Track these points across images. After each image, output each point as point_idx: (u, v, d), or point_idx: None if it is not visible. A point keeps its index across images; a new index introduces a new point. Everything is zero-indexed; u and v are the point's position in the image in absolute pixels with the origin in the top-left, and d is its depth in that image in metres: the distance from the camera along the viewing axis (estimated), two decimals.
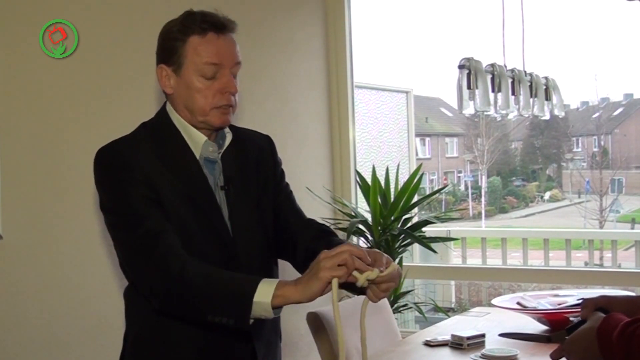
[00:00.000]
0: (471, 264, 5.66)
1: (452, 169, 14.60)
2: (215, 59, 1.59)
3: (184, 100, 1.63)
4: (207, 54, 1.59)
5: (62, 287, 2.67)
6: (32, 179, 2.63)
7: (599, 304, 1.42)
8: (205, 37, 1.60)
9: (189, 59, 1.60)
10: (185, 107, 1.64)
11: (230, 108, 1.64)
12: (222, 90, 1.61)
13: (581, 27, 15.13)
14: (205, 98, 1.61)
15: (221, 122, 1.64)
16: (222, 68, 1.61)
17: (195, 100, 1.61)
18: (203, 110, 1.62)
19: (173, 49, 1.62)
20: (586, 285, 3.63)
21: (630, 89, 13.28)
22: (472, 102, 2.86)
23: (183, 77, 1.61)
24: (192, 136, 1.66)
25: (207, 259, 1.56)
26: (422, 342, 2.51)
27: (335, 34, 4.02)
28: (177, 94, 1.64)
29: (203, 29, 1.60)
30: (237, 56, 1.64)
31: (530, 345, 2.22)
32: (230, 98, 1.63)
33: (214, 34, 1.60)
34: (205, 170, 1.65)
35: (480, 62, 2.87)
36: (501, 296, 2.97)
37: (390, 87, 9.75)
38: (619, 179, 12.51)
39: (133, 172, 1.57)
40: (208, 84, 1.60)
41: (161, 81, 1.66)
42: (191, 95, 1.62)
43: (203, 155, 1.66)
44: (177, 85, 1.63)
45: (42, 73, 2.64)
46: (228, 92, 1.62)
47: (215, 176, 1.67)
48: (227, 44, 1.62)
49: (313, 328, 2.54)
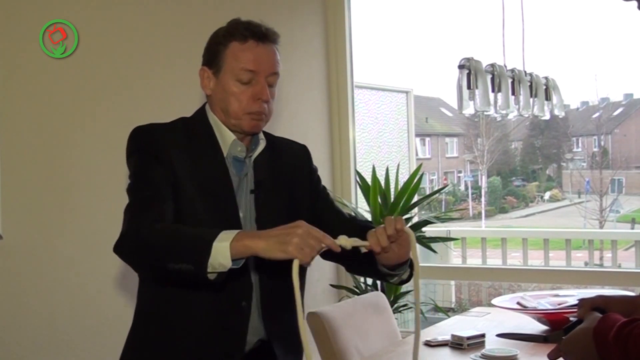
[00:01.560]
0: (471, 264, 5.66)
1: (452, 169, 14.60)
2: (251, 66, 1.66)
3: (220, 102, 1.70)
4: (245, 61, 1.66)
5: (63, 287, 2.67)
6: (32, 179, 2.63)
7: (595, 304, 1.43)
8: (246, 44, 1.67)
9: (227, 63, 1.67)
10: (221, 109, 1.71)
11: (262, 115, 1.70)
12: (255, 96, 1.67)
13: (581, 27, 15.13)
14: (239, 102, 1.67)
15: (251, 128, 1.70)
16: (258, 76, 1.66)
17: (229, 104, 1.68)
18: (236, 114, 1.68)
19: (215, 52, 1.69)
20: (586, 285, 3.63)
21: (630, 89, 13.29)
22: (472, 102, 2.86)
23: (221, 80, 1.68)
24: (223, 135, 1.72)
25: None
26: (422, 342, 2.51)
27: (335, 34, 4.02)
28: (215, 95, 1.71)
29: (244, 36, 1.67)
30: (275, 66, 1.70)
31: (530, 345, 2.22)
32: (263, 105, 1.68)
33: (254, 42, 1.67)
34: (232, 169, 1.70)
35: (480, 62, 2.87)
36: (501, 296, 2.97)
37: (390, 87, 9.76)
38: (619, 179, 12.52)
39: (161, 153, 1.63)
40: (243, 89, 1.67)
41: (202, 82, 1.73)
42: (226, 98, 1.68)
43: (231, 153, 1.71)
44: (215, 88, 1.70)
45: (42, 73, 2.64)
46: (260, 99, 1.67)
47: (242, 177, 1.72)
48: (266, 53, 1.69)
49: (313, 328, 2.54)
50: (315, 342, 2.54)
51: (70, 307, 2.68)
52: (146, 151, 1.66)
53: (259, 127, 1.72)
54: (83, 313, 2.72)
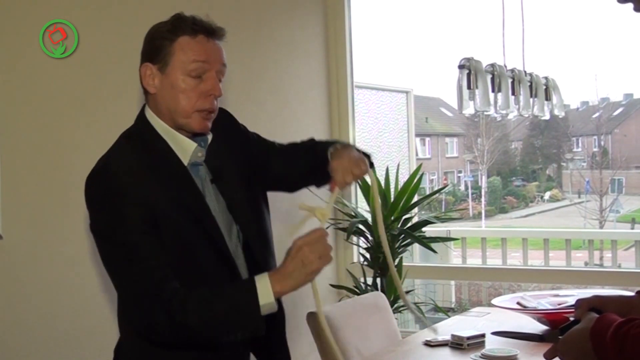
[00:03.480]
0: (471, 264, 5.66)
1: (452, 169, 14.60)
2: (203, 57, 1.58)
3: (166, 101, 1.60)
4: (195, 52, 1.58)
5: (62, 287, 2.67)
6: (32, 179, 2.62)
7: (592, 304, 1.43)
8: (196, 38, 1.60)
9: (176, 56, 1.58)
10: (167, 109, 1.61)
11: (211, 114, 1.63)
12: (206, 92, 1.59)
13: (581, 27, 15.13)
14: (188, 99, 1.58)
15: (201, 128, 1.62)
16: (209, 69, 1.59)
17: (178, 101, 1.59)
18: (185, 112, 1.59)
19: (161, 47, 1.60)
20: (586, 285, 3.63)
21: (630, 89, 13.30)
22: (472, 102, 2.86)
23: (168, 76, 1.59)
24: (179, 143, 1.63)
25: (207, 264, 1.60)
26: (422, 342, 2.51)
27: (335, 34, 4.02)
28: (160, 94, 1.61)
29: (195, 30, 1.60)
30: (223, 59, 1.64)
31: (530, 345, 2.22)
32: (213, 102, 1.61)
33: (205, 37, 1.61)
34: (192, 173, 1.64)
35: (480, 62, 2.87)
36: (501, 296, 2.97)
37: (390, 87, 9.76)
38: (619, 179, 12.52)
39: (126, 196, 1.53)
40: (193, 84, 1.58)
41: (144, 80, 1.63)
42: (175, 95, 1.59)
43: (192, 160, 1.64)
44: (161, 85, 1.60)
45: (42, 73, 2.64)
46: (212, 94, 1.60)
47: (201, 177, 1.66)
48: (216, 48, 1.62)
49: (313, 328, 2.54)
50: (315, 342, 2.54)
51: (70, 307, 2.68)
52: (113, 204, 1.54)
53: (207, 127, 1.63)
54: (83, 313, 2.72)
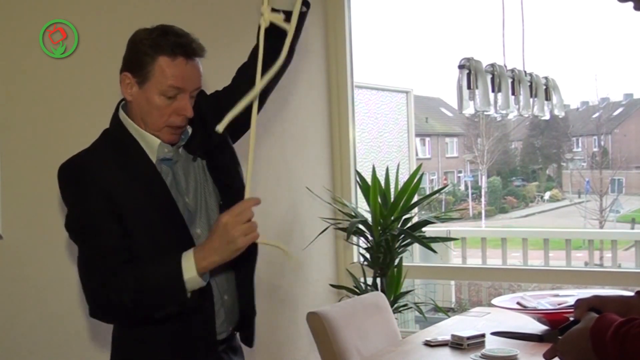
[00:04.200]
0: (471, 264, 5.66)
1: (452, 169, 14.59)
2: (179, 84, 1.68)
3: (140, 112, 1.74)
4: (173, 78, 1.67)
5: (62, 287, 2.67)
6: (32, 179, 2.63)
7: (591, 304, 1.43)
8: (175, 61, 1.68)
9: (155, 77, 1.68)
10: (140, 117, 1.74)
11: (181, 129, 1.76)
12: (178, 112, 1.71)
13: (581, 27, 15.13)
14: (161, 116, 1.71)
15: (170, 141, 1.76)
16: (184, 92, 1.70)
17: (151, 116, 1.72)
18: (156, 126, 1.73)
19: (142, 63, 1.69)
20: (586, 285, 3.63)
21: (630, 89, 13.26)
22: (472, 102, 2.86)
23: (145, 92, 1.71)
24: (147, 141, 1.75)
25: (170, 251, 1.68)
26: (422, 342, 2.51)
27: (335, 34, 4.02)
28: (136, 103, 1.74)
29: (175, 53, 1.68)
30: (199, 81, 1.75)
31: (530, 345, 2.22)
32: (184, 120, 1.74)
33: (184, 59, 1.69)
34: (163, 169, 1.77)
35: (480, 62, 2.87)
36: (501, 296, 2.97)
37: (390, 87, 9.75)
38: (619, 179, 12.50)
39: (92, 186, 1.68)
40: (167, 103, 1.70)
41: (123, 87, 1.75)
42: (149, 110, 1.72)
43: (159, 157, 1.76)
44: (138, 96, 1.73)
45: (42, 73, 2.64)
46: (183, 114, 1.71)
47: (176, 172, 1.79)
48: (193, 70, 1.71)
49: (313, 328, 2.54)
50: (315, 342, 2.55)
51: (69, 307, 2.68)
52: (78, 193, 1.70)
53: (177, 140, 1.78)
54: (83, 313, 2.72)
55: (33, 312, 2.61)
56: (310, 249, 3.73)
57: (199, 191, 1.81)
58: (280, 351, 3.63)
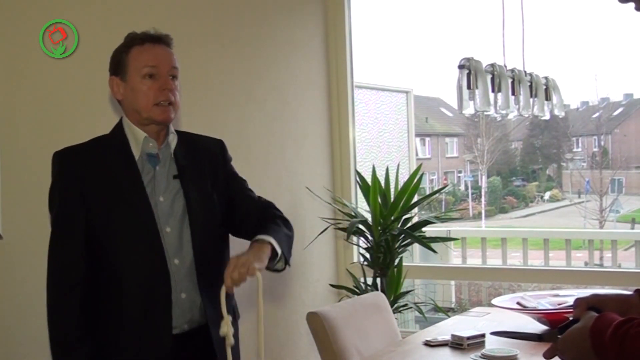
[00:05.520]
0: (471, 264, 5.66)
1: (452, 169, 14.59)
2: (152, 62, 1.88)
3: (131, 103, 1.91)
4: (145, 59, 1.89)
5: None
6: (32, 179, 2.62)
7: (591, 303, 1.42)
8: (144, 46, 1.90)
9: (131, 65, 1.90)
10: (133, 109, 1.92)
11: (170, 106, 1.91)
12: (160, 88, 1.88)
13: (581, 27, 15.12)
14: (147, 97, 1.88)
15: (163, 118, 1.90)
16: (160, 69, 1.89)
17: (139, 100, 1.89)
18: (147, 107, 1.89)
19: (120, 61, 1.92)
20: (586, 285, 3.63)
21: (630, 89, 13.26)
22: (472, 102, 2.86)
23: (129, 82, 1.90)
24: (135, 136, 1.93)
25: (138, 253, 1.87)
26: (422, 342, 2.51)
27: (335, 34, 4.02)
28: (126, 98, 1.92)
29: (142, 40, 1.90)
30: (173, 60, 1.92)
31: (530, 345, 2.22)
32: (169, 95, 1.90)
33: (151, 44, 1.90)
34: (147, 165, 1.92)
35: (480, 62, 2.87)
36: (501, 296, 2.98)
37: (390, 87, 9.75)
38: (619, 179, 12.50)
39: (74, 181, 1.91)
40: (149, 84, 1.88)
41: (112, 90, 1.94)
42: (136, 96, 1.90)
43: (145, 151, 1.92)
44: (125, 91, 1.92)
45: (42, 73, 2.64)
46: (166, 89, 1.89)
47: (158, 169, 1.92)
48: (163, 51, 1.92)
49: (313, 328, 2.54)
50: (315, 342, 2.55)
51: None
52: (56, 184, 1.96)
53: (169, 116, 1.91)
54: None
55: (33, 311, 2.60)
56: (310, 249, 3.73)
57: (178, 196, 1.93)
58: (280, 351, 3.63)
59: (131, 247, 1.89)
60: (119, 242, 1.88)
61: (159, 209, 1.90)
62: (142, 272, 1.88)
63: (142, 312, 1.88)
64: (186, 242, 1.92)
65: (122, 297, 1.89)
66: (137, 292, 1.88)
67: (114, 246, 1.89)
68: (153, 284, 1.88)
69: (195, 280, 1.92)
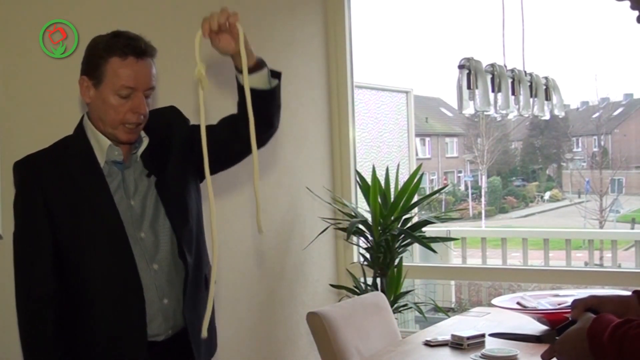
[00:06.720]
0: (471, 264, 5.66)
1: (452, 169, 14.59)
2: (131, 83, 1.77)
3: (98, 112, 1.82)
4: (125, 78, 1.76)
5: None
6: None
7: (589, 304, 1.42)
8: (126, 61, 1.76)
9: (108, 78, 1.77)
10: (98, 118, 1.83)
11: (138, 126, 1.83)
12: (133, 109, 1.79)
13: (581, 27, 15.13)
14: (117, 114, 1.79)
15: (127, 139, 1.83)
16: (137, 91, 1.78)
17: (108, 114, 1.80)
18: (113, 124, 1.80)
19: (96, 65, 1.79)
20: (586, 286, 3.63)
21: (630, 89, 13.26)
22: (472, 102, 2.86)
23: (101, 93, 1.79)
24: (100, 143, 1.84)
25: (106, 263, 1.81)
26: (422, 342, 2.51)
27: (335, 34, 4.02)
28: (94, 104, 1.83)
29: (125, 52, 1.76)
30: (151, 81, 1.81)
31: (530, 345, 2.22)
32: (140, 117, 1.81)
33: (134, 59, 1.77)
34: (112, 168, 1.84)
35: (480, 62, 2.87)
36: (501, 296, 2.97)
37: (390, 87, 9.75)
38: (619, 179, 12.50)
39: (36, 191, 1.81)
40: (122, 102, 1.78)
41: (81, 91, 1.84)
42: (105, 109, 1.80)
43: (110, 159, 1.84)
44: (95, 98, 1.81)
45: (42, 73, 2.64)
46: (138, 112, 1.79)
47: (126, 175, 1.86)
48: (144, 69, 1.79)
49: (313, 328, 2.54)
50: (315, 342, 2.55)
51: None
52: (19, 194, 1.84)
53: (133, 138, 1.84)
54: None
55: None
56: (310, 249, 3.73)
57: (149, 197, 1.87)
58: (280, 351, 3.63)
59: (99, 257, 1.81)
60: (85, 252, 1.81)
61: (130, 215, 1.83)
62: (112, 282, 1.81)
63: (114, 323, 1.82)
64: (163, 245, 1.86)
65: (94, 309, 1.83)
66: (108, 304, 1.82)
67: (81, 257, 1.82)
68: (125, 295, 1.81)
69: (176, 283, 1.86)
